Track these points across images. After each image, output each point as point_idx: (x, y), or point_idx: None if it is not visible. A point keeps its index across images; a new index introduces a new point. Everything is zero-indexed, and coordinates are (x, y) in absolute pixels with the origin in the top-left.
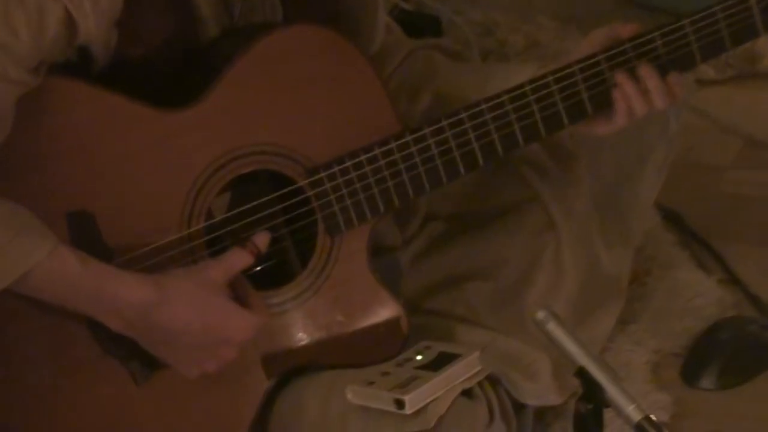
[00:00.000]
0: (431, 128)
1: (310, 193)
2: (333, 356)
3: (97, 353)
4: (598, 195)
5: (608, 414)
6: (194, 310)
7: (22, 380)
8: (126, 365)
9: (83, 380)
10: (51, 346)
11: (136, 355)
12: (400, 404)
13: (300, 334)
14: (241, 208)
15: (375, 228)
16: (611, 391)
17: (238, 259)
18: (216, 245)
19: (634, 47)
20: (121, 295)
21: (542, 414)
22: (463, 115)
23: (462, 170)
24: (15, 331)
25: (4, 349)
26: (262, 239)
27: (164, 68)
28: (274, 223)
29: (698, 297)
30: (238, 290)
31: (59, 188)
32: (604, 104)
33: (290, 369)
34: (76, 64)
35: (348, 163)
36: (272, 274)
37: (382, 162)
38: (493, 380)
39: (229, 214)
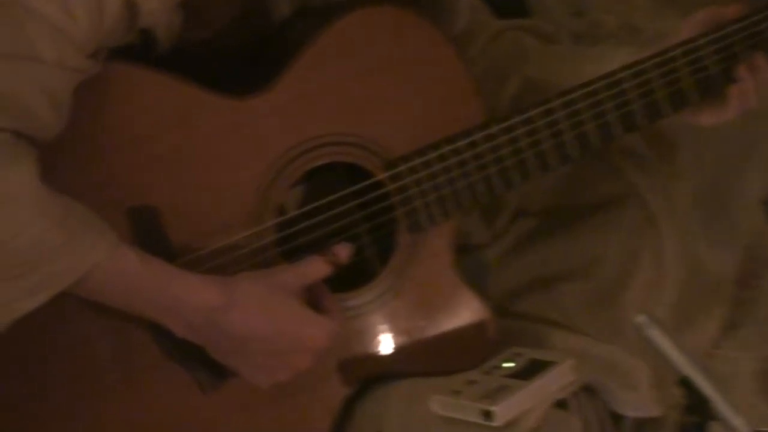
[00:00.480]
0: (520, 118)
1: (390, 187)
2: (414, 363)
3: (160, 360)
4: (700, 188)
5: (713, 427)
6: (265, 316)
7: (82, 385)
8: (192, 373)
9: (146, 388)
10: (113, 351)
11: (202, 363)
12: (488, 416)
13: (379, 339)
14: (316, 204)
15: (460, 225)
16: (718, 402)
17: (315, 269)
18: (288, 243)
19: (739, 30)
20: (185, 298)
21: (641, 426)
22: (555, 103)
23: (553, 163)
24: (75, 334)
25: (65, 352)
26: (344, 251)
27: (231, 52)
28: (351, 219)
29: None
30: (313, 293)
31: (120, 181)
32: (709, 93)
33: (368, 377)
34: (138, 49)
35: (430, 156)
36: (349, 275)
37: (466, 154)
38: (588, 390)
39: (302, 210)
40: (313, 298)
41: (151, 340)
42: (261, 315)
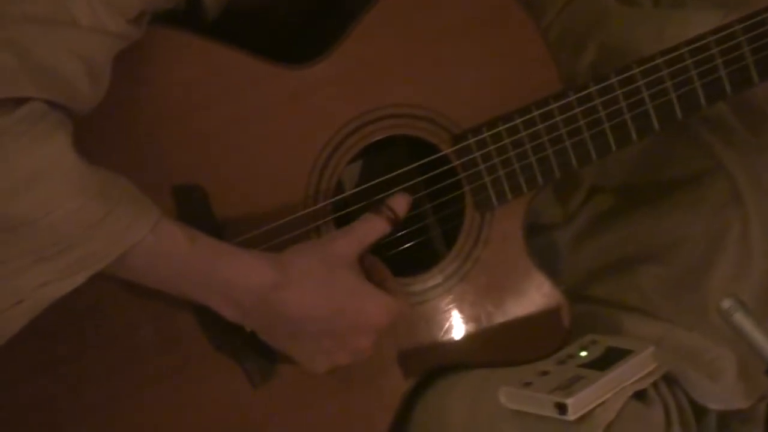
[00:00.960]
0: (598, 86)
1: (457, 162)
2: (482, 353)
3: (207, 348)
4: None
5: None
6: (322, 292)
7: (121, 379)
8: (241, 363)
9: (190, 379)
10: (154, 341)
11: (253, 351)
12: (562, 409)
13: (444, 327)
14: (376, 181)
15: (532, 203)
16: None
17: (371, 228)
18: (345, 224)
19: None
20: (235, 278)
21: (726, 419)
22: (636, 70)
23: (634, 136)
24: (114, 321)
25: (103, 342)
26: (400, 203)
27: (286, 18)
28: (415, 197)
29: None
30: (374, 275)
31: (164, 157)
32: None
33: (432, 369)
34: (184, 15)
35: (501, 128)
36: (412, 258)
37: (540, 126)
38: (669, 380)
39: (361, 188)
40: (374, 281)
41: (197, 326)
42: (318, 292)
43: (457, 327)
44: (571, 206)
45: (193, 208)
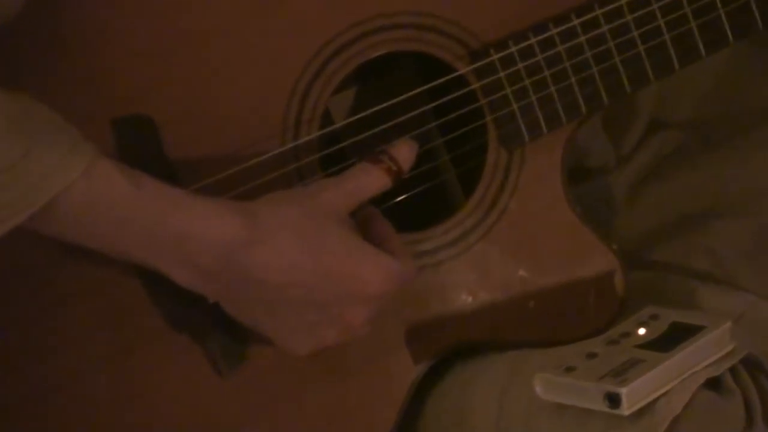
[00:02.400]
0: None
1: (477, 85)
2: (512, 330)
3: (159, 326)
4: None
5: None
6: (305, 251)
7: (57, 358)
8: (203, 344)
9: (139, 366)
10: (94, 315)
11: (217, 328)
12: (613, 400)
13: (463, 297)
14: (373, 109)
15: (573, 138)
16: None
17: (367, 181)
18: (336, 166)
19: None
20: (193, 232)
21: None
22: None
23: (702, 49)
24: (50, 289)
25: (37, 314)
26: (404, 150)
27: None
28: (424, 130)
29: None
30: (371, 231)
31: (101, 81)
32: None
33: (449, 351)
34: None
35: (532, 40)
36: (420, 208)
37: (582, 38)
38: (751, 365)
39: (355, 118)
40: (371, 238)
41: (146, 297)
42: (300, 251)
43: (479, 296)
44: (626, 145)
45: (138, 145)
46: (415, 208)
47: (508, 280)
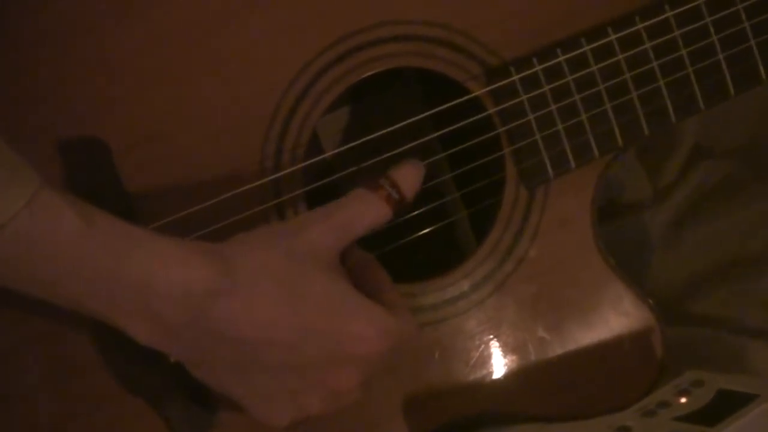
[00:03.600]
0: None
1: (493, 110)
2: (529, 402)
3: (112, 389)
4: None
5: None
6: (285, 303)
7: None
8: (162, 413)
9: None
10: (39, 375)
11: (180, 393)
12: None
13: (472, 361)
14: (371, 136)
15: (605, 175)
16: None
17: (364, 210)
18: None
19: None
20: (154, 278)
21: None
22: None
23: (762, 71)
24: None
25: None
26: (408, 174)
27: None
28: (430, 162)
29: None
30: (363, 277)
31: (48, 100)
32: None
33: (454, 424)
34: None
35: (561, 58)
36: (423, 255)
37: (620, 56)
38: None
39: (347, 147)
40: (364, 289)
41: (98, 356)
42: (278, 303)
43: (491, 360)
44: (665, 177)
45: (90, 174)
46: (416, 255)
47: (525, 342)
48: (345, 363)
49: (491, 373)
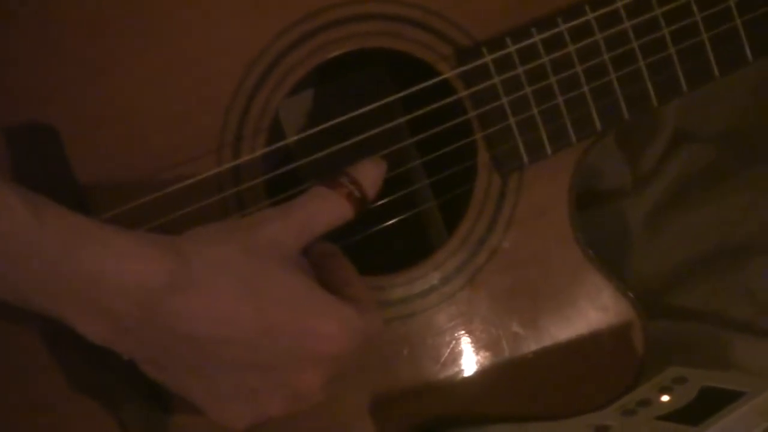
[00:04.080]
0: None
1: (465, 93)
2: (503, 401)
3: (62, 389)
4: None
5: None
6: (244, 298)
7: None
8: (116, 415)
9: None
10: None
11: (134, 393)
12: None
13: (442, 358)
14: (335, 121)
15: (583, 161)
16: None
17: (324, 208)
18: (286, 192)
19: None
20: (105, 272)
21: None
22: None
23: (749, 53)
24: None
25: None
26: (370, 171)
27: None
28: (397, 149)
29: None
30: (327, 271)
31: None
32: None
33: (424, 425)
34: None
35: (536, 38)
36: (391, 246)
37: (598, 36)
38: None
39: (311, 132)
40: (328, 283)
41: (48, 353)
42: (237, 299)
43: (462, 357)
44: (645, 162)
45: (39, 164)
46: (384, 246)
47: (498, 337)
48: (308, 362)
49: (463, 371)
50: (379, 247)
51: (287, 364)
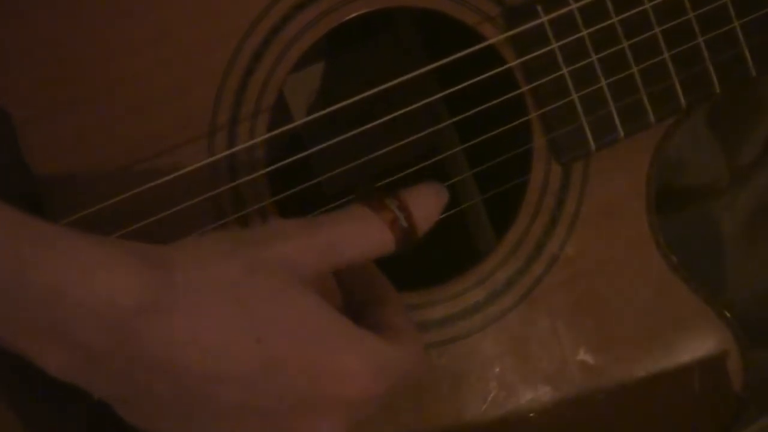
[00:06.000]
0: None
1: (516, 62)
2: None
3: None
4: None
5: None
6: (246, 325)
7: None
8: None
9: None
10: None
11: None
12: None
13: (491, 395)
14: (354, 98)
15: (665, 148)
16: None
17: (359, 233)
18: (294, 187)
19: None
20: (70, 287)
21: None
22: None
23: None
24: None
25: None
26: (426, 199)
27: None
28: (433, 130)
29: None
30: (355, 285)
31: None
32: None
33: None
34: None
35: None
36: (428, 253)
37: None
38: None
39: (323, 113)
40: (356, 302)
41: (4, 391)
42: (236, 327)
43: (515, 394)
44: (745, 155)
45: None
46: (418, 254)
47: (561, 368)
48: (323, 408)
49: (515, 411)
50: (412, 255)
51: (295, 409)
